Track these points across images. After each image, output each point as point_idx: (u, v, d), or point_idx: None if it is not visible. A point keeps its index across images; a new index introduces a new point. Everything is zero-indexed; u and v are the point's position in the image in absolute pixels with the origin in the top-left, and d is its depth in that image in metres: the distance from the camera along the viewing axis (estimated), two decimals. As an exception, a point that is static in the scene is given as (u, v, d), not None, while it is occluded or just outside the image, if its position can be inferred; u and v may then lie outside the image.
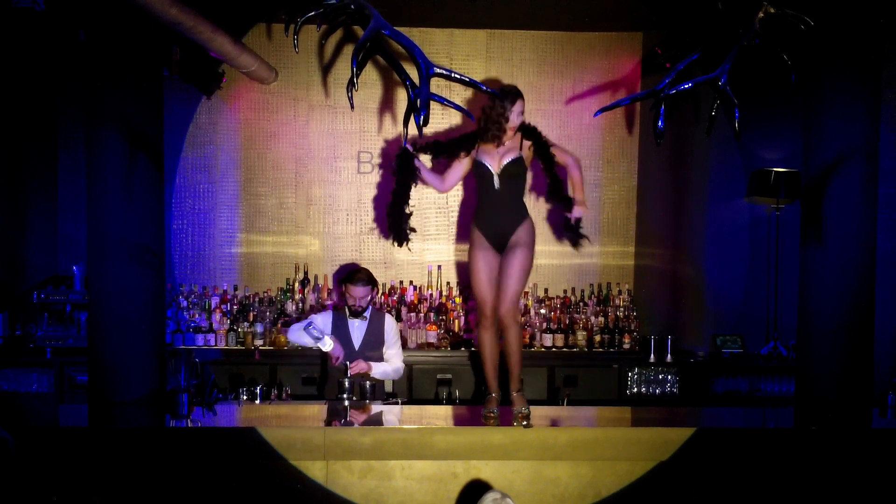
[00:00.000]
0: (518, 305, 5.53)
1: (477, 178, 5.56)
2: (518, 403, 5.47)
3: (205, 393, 5.70)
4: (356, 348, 6.37)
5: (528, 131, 5.55)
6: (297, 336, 6.30)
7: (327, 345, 6.18)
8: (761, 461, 5.19)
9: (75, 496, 4.57)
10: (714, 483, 5.15)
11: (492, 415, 5.44)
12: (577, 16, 7.77)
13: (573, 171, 5.55)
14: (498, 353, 5.57)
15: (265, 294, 8.01)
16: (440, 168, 5.75)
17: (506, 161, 5.47)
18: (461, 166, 5.64)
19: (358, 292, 6.35)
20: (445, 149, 5.65)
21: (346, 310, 6.43)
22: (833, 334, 5.99)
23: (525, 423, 5.30)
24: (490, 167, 5.47)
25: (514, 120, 5.44)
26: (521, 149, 5.51)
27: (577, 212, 5.46)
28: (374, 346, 6.44)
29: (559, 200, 5.53)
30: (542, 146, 5.54)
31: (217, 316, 7.77)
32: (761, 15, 4.81)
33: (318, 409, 5.89)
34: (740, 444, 5.22)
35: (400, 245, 5.75)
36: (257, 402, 6.00)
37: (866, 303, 6.23)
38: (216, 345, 7.66)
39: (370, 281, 6.40)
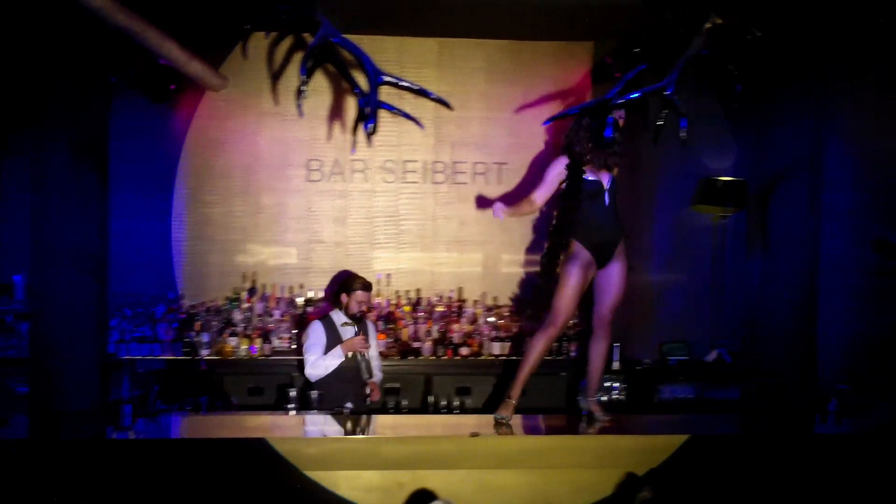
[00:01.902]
0: None
1: (584, 197, 5.59)
2: (598, 411, 5.78)
3: (148, 404, 5.61)
4: (350, 354, 6.43)
5: None
6: (322, 370, 6.36)
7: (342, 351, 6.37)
8: (710, 466, 5.21)
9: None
10: (664, 489, 5.17)
11: (504, 421, 5.54)
12: (529, 25, 7.79)
13: None
14: None
15: (212, 303, 7.91)
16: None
17: (610, 179, 5.63)
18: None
19: (367, 297, 6.51)
20: None
21: (338, 316, 6.47)
22: (778, 341, 6.07)
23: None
24: (603, 184, 5.58)
25: None
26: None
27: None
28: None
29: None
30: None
31: (162, 326, 7.65)
32: (709, 25, 4.85)
33: (263, 420, 5.82)
34: (689, 451, 5.25)
35: None
36: (202, 412, 5.92)
37: (810, 310, 6.31)
38: (161, 355, 7.53)
39: None
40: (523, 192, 8.19)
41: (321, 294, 8.01)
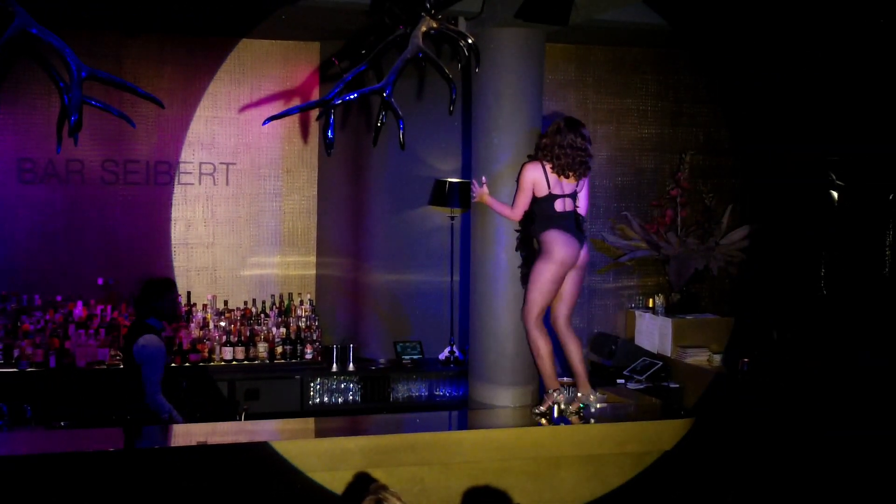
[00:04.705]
0: None
1: None
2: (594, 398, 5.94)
3: None
4: None
5: None
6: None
7: None
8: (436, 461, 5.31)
9: None
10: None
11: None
12: (254, 23, 7.64)
13: None
14: None
15: None
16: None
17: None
18: None
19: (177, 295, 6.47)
20: None
21: (156, 321, 6.07)
22: (502, 337, 6.23)
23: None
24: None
25: None
26: None
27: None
28: None
29: None
30: None
31: None
32: (424, 29, 4.89)
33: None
34: (412, 447, 5.32)
35: None
36: None
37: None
38: None
39: None
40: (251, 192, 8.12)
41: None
